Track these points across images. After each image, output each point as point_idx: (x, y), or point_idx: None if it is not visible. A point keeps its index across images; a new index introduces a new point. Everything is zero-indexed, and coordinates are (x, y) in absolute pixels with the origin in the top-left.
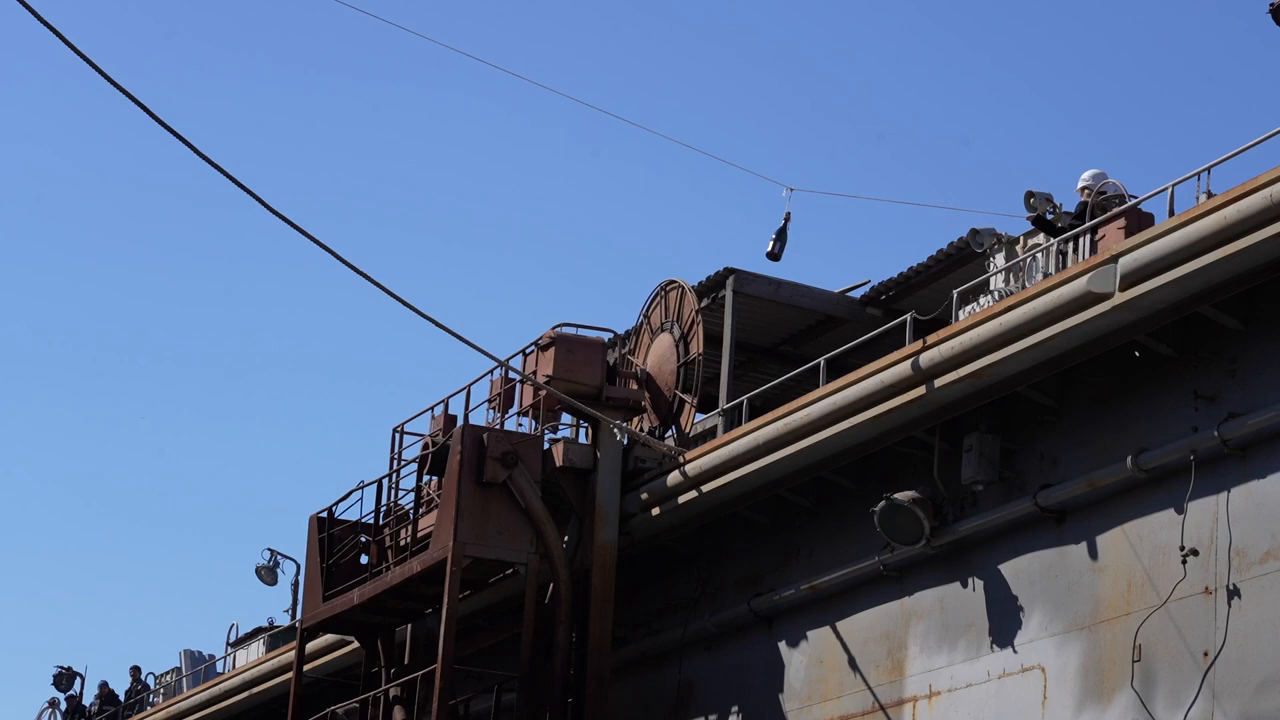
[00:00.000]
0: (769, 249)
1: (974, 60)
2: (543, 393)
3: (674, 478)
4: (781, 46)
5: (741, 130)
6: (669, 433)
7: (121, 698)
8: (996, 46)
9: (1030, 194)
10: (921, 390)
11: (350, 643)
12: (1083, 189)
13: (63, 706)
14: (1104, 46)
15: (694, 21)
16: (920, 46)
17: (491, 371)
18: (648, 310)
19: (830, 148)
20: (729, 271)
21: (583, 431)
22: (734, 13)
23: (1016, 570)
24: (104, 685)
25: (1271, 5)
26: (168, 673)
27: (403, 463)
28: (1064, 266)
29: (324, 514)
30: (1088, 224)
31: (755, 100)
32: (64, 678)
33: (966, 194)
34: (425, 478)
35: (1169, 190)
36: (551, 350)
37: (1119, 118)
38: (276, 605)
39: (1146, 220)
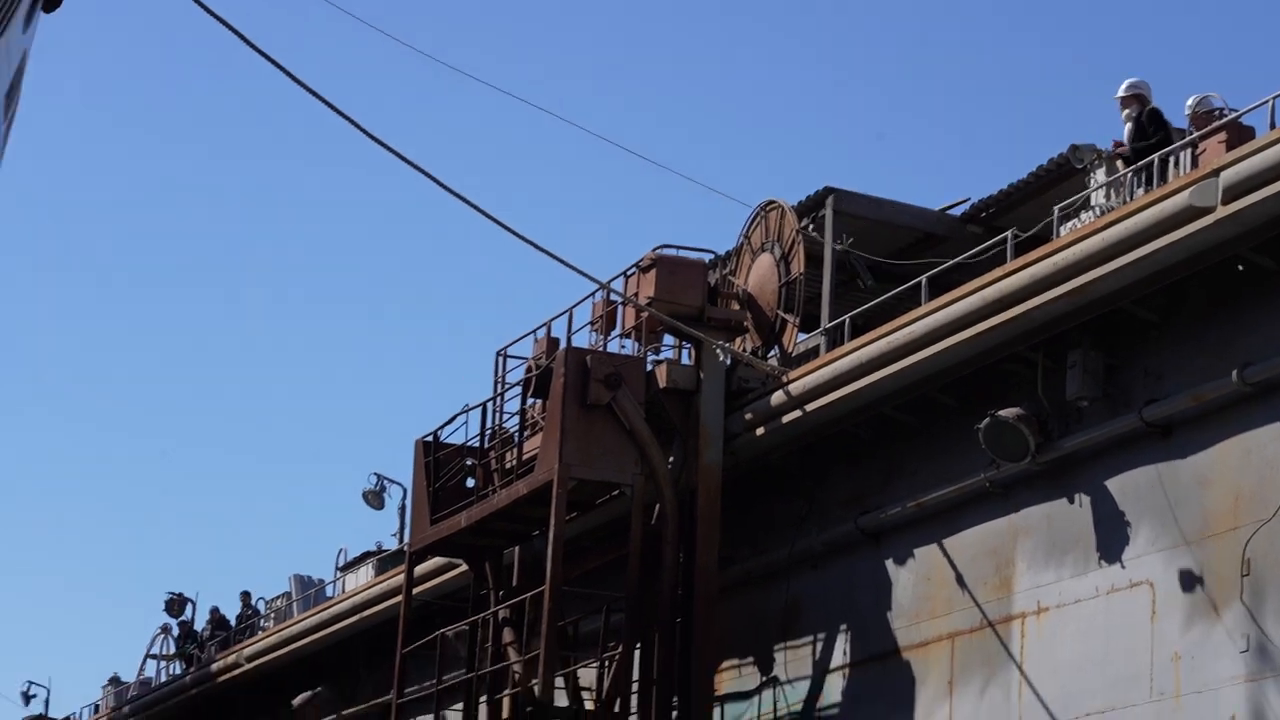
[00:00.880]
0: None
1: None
2: (645, 314)
3: (778, 397)
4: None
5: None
6: (771, 353)
7: (232, 622)
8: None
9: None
10: (1023, 307)
11: (458, 566)
12: (1129, 97)
13: (175, 632)
14: None
15: None
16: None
17: (593, 294)
18: (748, 231)
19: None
20: (829, 190)
21: (685, 353)
22: None
23: (1123, 486)
24: (215, 610)
25: None
26: (278, 597)
27: (507, 386)
28: (1164, 181)
29: (430, 438)
30: (1189, 138)
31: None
32: (175, 604)
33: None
34: (529, 401)
35: (1269, 103)
36: (653, 272)
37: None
38: (384, 529)
39: (1247, 134)
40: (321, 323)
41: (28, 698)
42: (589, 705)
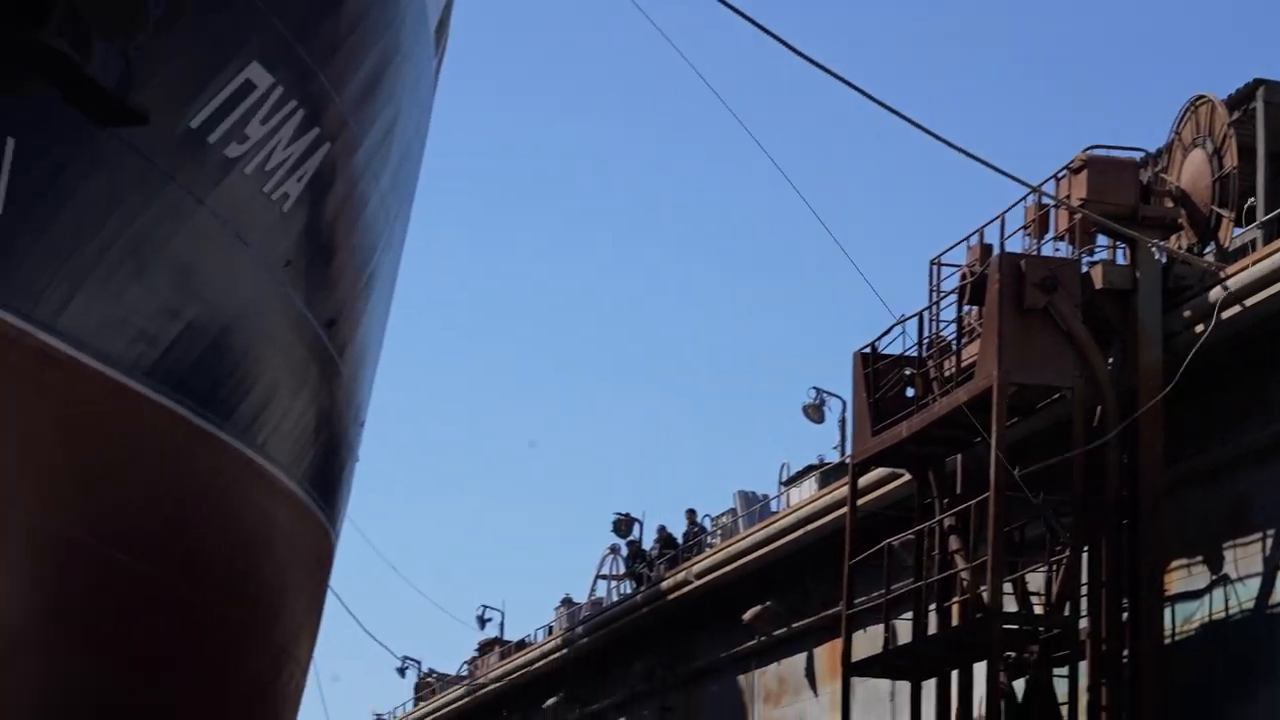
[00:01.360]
0: None
1: None
2: (1078, 216)
3: (1216, 293)
4: None
5: None
6: (1207, 249)
7: (680, 541)
8: None
9: None
10: None
11: (901, 476)
12: None
13: (623, 552)
14: None
15: None
16: None
17: (1024, 198)
18: (1178, 127)
19: None
20: (1259, 83)
21: (1120, 252)
22: None
23: None
24: (662, 529)
25: None
26: (723, 514)
27: (942, 294)
28: None
29: (867, 350)
30: None
31: None
32: (623, 524)
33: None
34: (965, 308)
35: None
36: (1084, 173)
37: None
38: (825, 442)
39: None
40: (760, 243)
41: (483, 621)
42: (1038, 609)
